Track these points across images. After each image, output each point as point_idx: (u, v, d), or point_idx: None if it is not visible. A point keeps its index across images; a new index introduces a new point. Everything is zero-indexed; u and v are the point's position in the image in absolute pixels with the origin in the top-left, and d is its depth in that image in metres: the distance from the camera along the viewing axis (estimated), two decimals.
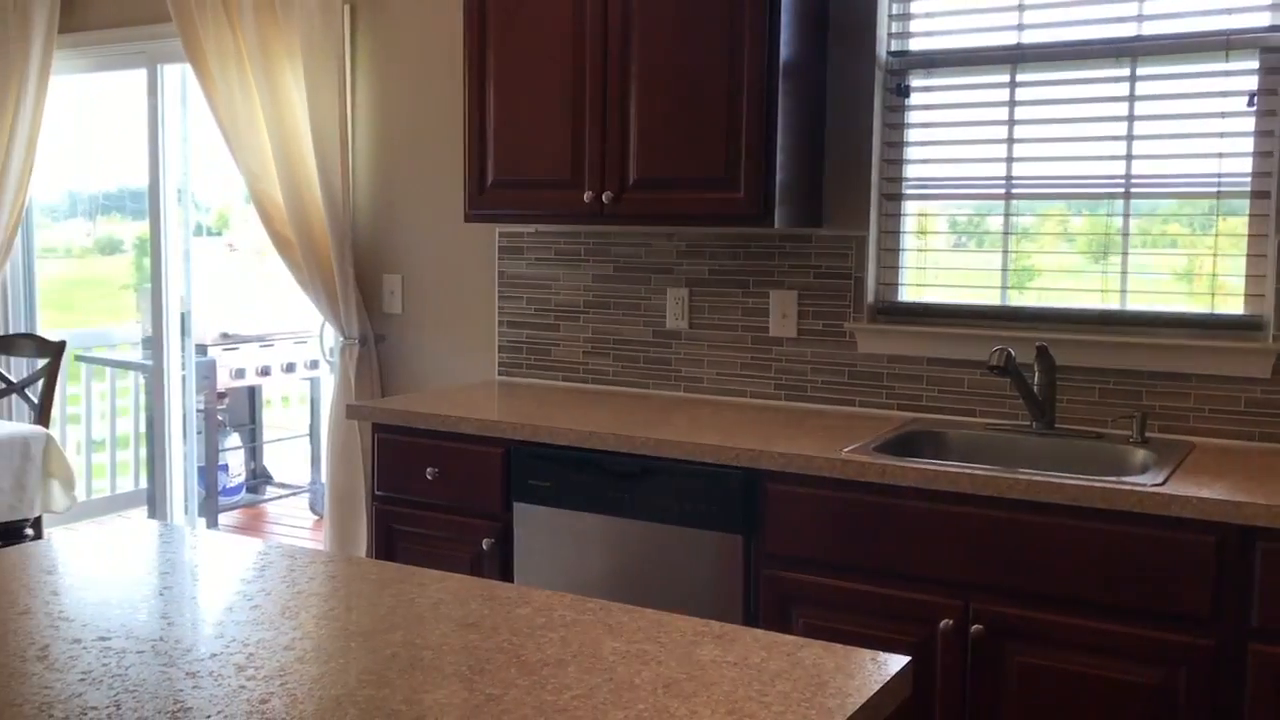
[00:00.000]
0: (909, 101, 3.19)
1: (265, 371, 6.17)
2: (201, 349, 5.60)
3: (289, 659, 1.41)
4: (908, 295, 3.25)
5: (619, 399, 3.44)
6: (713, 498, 2.76)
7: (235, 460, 6.27)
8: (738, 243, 3.39)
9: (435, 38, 3.84)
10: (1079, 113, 2.99)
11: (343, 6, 3.92)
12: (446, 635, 1.50)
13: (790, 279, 3.32)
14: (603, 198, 3.16)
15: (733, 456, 2.73)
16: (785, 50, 2.97)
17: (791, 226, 3.14)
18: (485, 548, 3.07)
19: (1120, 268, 2.98)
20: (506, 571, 3.07)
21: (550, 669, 1.39)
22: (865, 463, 2.57)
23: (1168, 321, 2.91)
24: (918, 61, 3.18)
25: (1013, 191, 3.09)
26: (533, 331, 3.75)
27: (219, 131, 4.14)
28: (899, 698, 1.40)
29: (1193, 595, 2.29)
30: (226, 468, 6.12)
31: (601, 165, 3.17)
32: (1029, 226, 3.11)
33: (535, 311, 3.74)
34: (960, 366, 3.11)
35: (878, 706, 1.34)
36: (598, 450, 2.91)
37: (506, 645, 1.46)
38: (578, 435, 2.93)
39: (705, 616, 1.62)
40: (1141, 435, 2.79)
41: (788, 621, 2.67)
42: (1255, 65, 2.79)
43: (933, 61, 3.16)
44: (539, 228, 3.69)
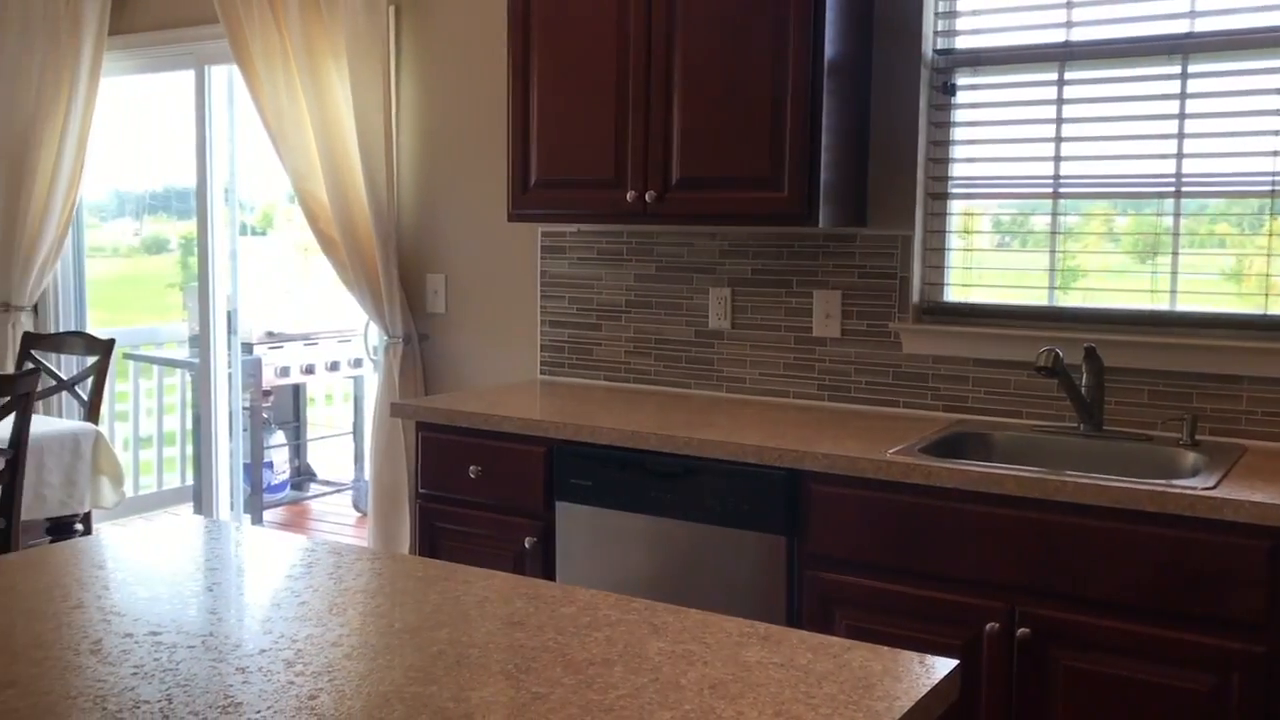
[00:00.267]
0: (955, 100, 3.17)
1: (309, 370, 6.23)
2: (247, 347, 5.66)
3: (336, 655, 1.42)
4: (953, 295, 3.23)
5: (661, 399, 3.44)
6: (755, 498, 2.75)
7: (279, 457, 6.33)
8: (781, 242, 3.37)
9: (479, 37, 3.86)
10: (1129, 111, 2.95)
11: (387, 6, 3.94)
12: (492, 633, 1.50)
13: (834, 279, 3.30)
14: (645, 197, 3.16)
15: (776, 457, 2.71)
16: (830, 48, 2.96)
17: (836, 226, 3.12)
18: (527, 546, 3.08)
19: (1170, 268, 2.94)
20: (548, 570, 3.07)
21: (596, 668, 1.39)
22: (910, 464, 2.55)
23: (1218, 322, 2.86)
24: (964, 60, 3.16)
25: (1060, 190, 3.06)
26: (575, 331, 3.76)
27: (265, 132, 4.18)
28: (947, 701, 1.39)
29: (1245, 601, 2.25)
30: (271, 465, 6.18)
31: (645, 164, 3.17)
32: (1072, 226, 3.07)
33: (577, 311, 3.75)
34: (1006, 367, 3.08)
35: (926, 710, 1.33)
36: (640, 450, 2.91)
37: (552, 644, 1.46)
38: (620, 435, 2.93)
39: (747, 617, 1.61)
40: (1192, 438, 2.75)
41: (830, 623, 2.66)
42: None
43: (979, 60, 3.14)
44: (581, 227, 3.70)
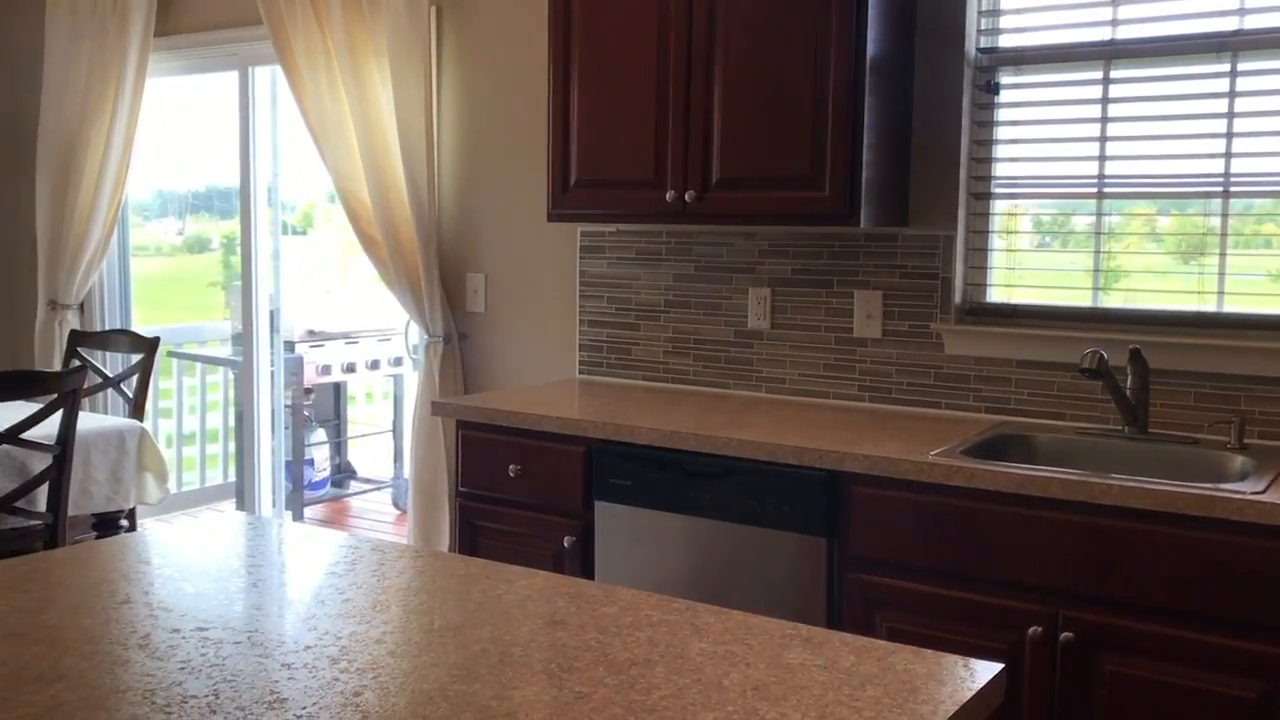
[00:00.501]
0: (999, 99, 3.14)
1: (350, 368, 6.27)
2: (289, 346, 5.71)
3: (380, 652, 1.43)
4: (996, 296, 3.20)
5: (699, 399, 3.44)
6: (795, 499, 2.74)
7: (320, 455, 6.38)
8: (821, 242, 3.36)
9: (520, 37, 3.87)
10: (1175, 110, 2.92)
11: (429, 6, 3.96)
12: (534, 632, 1.51)
13: (875, 279, 3.28)
14: (685, 197, 3.16)
15: (816, 458, 2.70)
16: (873, 47, 2.94)
17: (877, 226, 3.10)
18: (566, 545, 3.09)
19: (1216, 269, 2.90)
20: (587, 569, 3.08)
21: (638, 669, 1.39)
22: (953, 466, 2.54)
23: (1267, 324, 2.82)
24: (1008, 58, 3.13)
25: (1104, 190, 3.02)
26: (613, 331, 3.76)
27: (308, 132, 4.21)
28: (992, 706, 1.38)
29: None
30: (312, 462, 6.23)
31: (685, 164, 3.16)
32: (1115, 226, 3.04)
33: (616, 311, 3.75)
34: (1050, 369, 3.05)
35: (971, 714, 1.32)
36: (679, 450, 2.90)
37: (594, 643, 1.47)
38: (659, 435, 2.93)
39: (786, 619, 1.60)
40: (1239, 441, 2.71)
41: (871, 625, 2.64)
42: None
43: (1023, 58, 3.11)
44: (620, 227, 3.70)
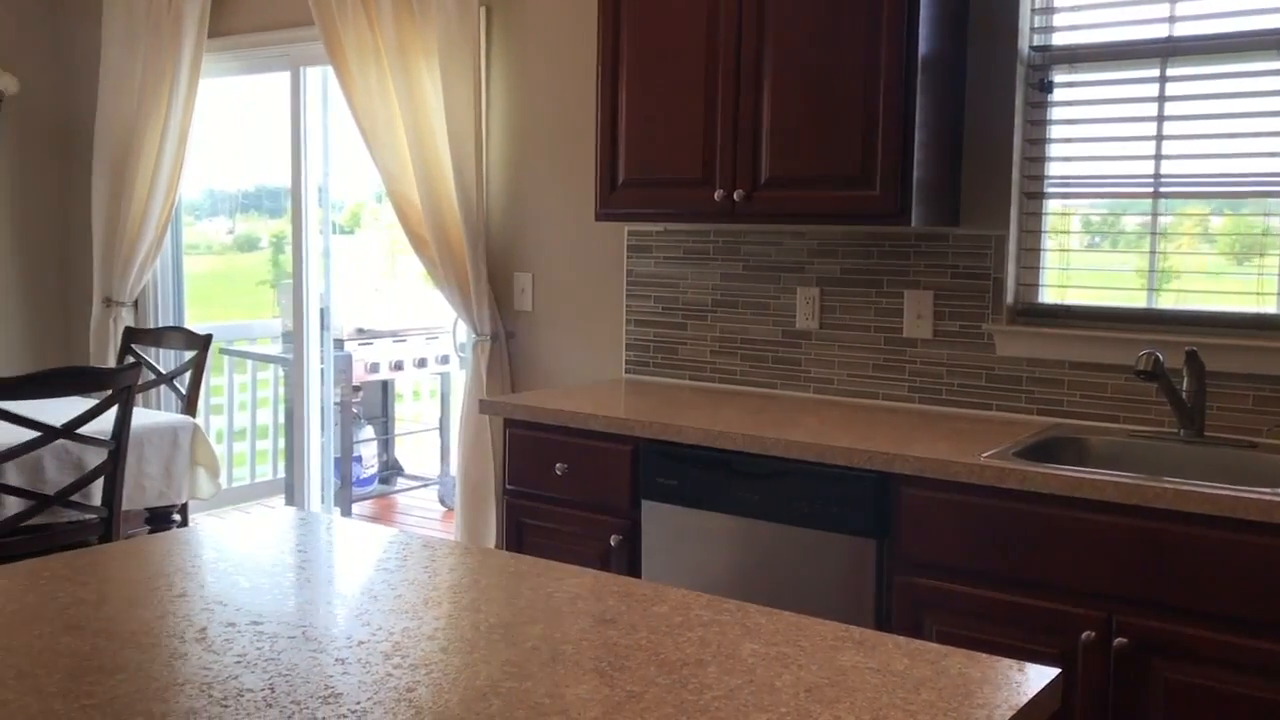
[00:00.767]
0: (1052, 98, 3.10)
1: (398, 366, 6.32)
2: (338, 344, 5.76)
3: (433, 648, 1.44)
4: (1049, 297, 3.16)
5: (747, 399, 3.43)
6: (844, 501, 2.73)
7: (368, 452, 6.44)
8: (871, 242, 3.34)
9: (569, 37, 3.88)
10: (1234, 108, 2.87)
11: (479, 6, 3.98)
12: (585, 630, 1.51)
13: (926, 279, 3.26)
14: (734, 196, 3.15)
15: (865, 459, 2.68)
16: (924, 45, 2.92)
17: (928, 225, 3.07)
18: (613, 544, 3.09)
19: (1276, 269, 2.85)
20: (634, 568, 3.08)
21: (690, 668, 1.38)
22: (1005, 468, 2.51)
23: None
24: (1061, 56, 3.09)
25: (1161, 190, 2.98)
26: (660, 330, 3.76)
27: (358, 132, 4.24)
28: (1047, 711, 1.36)
29: None
30: (360, 459, 6.29)
31: (733, 163, 3.15)
32: (1166, 226, 2.99)
33: (663, 310, 3.75)
34: (1103, 371, 3.01)
35: (1026, 719, 1.30)
36: (727, 450, 2.90)
37: (645, 643, 1.47)
38: (706, 435, 2.92)
39: (835, 620, 1.59)
40: None
41: (920, 628, 2.62)
42: None
43: (1077, 56, 3.07)
44: (668, 226, 3.69)
